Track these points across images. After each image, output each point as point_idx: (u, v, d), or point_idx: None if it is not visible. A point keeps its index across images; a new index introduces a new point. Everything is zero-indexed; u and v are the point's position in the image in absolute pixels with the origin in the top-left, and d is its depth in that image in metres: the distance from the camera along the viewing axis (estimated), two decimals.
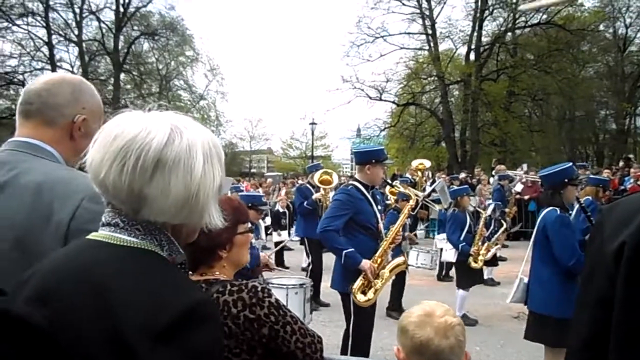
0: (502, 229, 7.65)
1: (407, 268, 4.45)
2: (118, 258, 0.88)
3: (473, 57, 24.44)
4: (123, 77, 27.31)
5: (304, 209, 7.10)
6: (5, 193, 1.28)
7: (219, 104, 30.15)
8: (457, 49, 25.50)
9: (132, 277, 0.85)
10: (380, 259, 3.74)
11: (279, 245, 8.50)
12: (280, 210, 10.58)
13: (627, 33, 24.88)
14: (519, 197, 12.37)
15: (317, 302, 6.25)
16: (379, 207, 3.98)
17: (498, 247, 7.35)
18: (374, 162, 3.85)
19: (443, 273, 8.18)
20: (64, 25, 25.31)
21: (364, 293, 3.65)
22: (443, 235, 7.03)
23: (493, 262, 7.34)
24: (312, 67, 76.02)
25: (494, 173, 13.63)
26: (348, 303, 3.72)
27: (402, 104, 26.15)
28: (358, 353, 3.59)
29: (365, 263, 3.61)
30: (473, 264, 5.93)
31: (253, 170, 39.65)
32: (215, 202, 0.97)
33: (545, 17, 23.34)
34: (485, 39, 24.74)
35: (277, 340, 1.44)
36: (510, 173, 13.21)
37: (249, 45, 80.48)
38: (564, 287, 3.45)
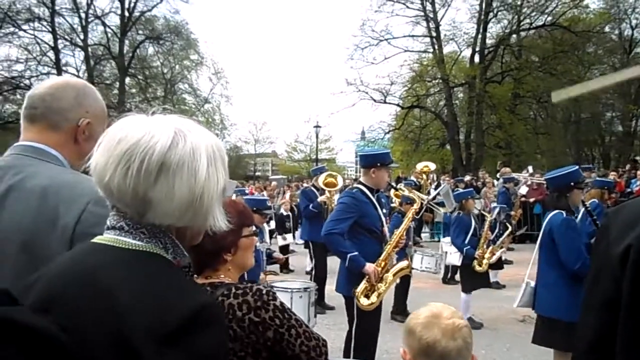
0: (507, 232, 7.62)
1: (411, 272, 4.43)
2: (123, 261, 0.89)
3: (477, 59, 24.38)
4: (128, 81, 27.44)
5: (310, 212, 7.07)
6: (11, 197, 1.29)
7: (224, 108, 30.21)
8: (461, 52, 25.48)
9: (137, 280, 0.86)
10: (385, 263, 3.73)
11: (285, 252, 8.45)
12: (284, 214, 10.55)
13: (632, 34, 24.77)
14: (524, 199, 12.32)
15: (322, 305, 6.24)
16: (384, 210, 3.98)
17: (503, 250, 7.33)
18: (379, 165, 3.85)
19: (448, 276, 8.16)
20: (70, 30, 25.50)
21: (367, 297, 3.63)
22: (449, 239, 7.02)
23: (498, 265, 7.31)
24: (316, 70, 76.10)
25: (499, 176, 13.57)
26: (351, 306, 3.71)
27: (406, 107, 26.10)
28: (363, 356, 3.58)
29: (369, 267, 3.61)
30: (477, 268, 5.91)
31: (258, 174, 39.61)
32: (220, 204, 0.97)
33: (550, 19, 23.27)
34: (490, 41, 24.66)
35: (281, 344, 1.44)
36: (515, 176, 13.15)
37: (253, 49, 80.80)
38: (571, 290, 3.43)
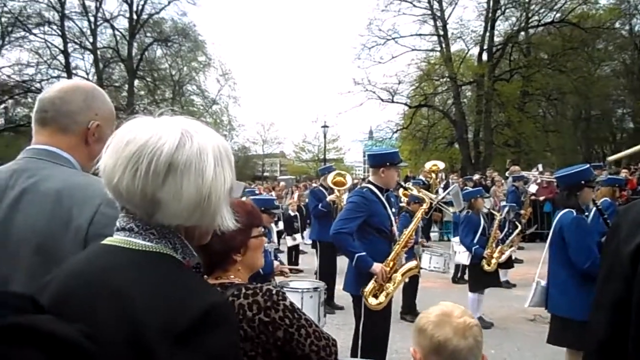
0: (516, 231, 7.57)
1: (419, 272, 4.42)
2: (134, 263, 0.90)
3: (485, 57, 24.26)
4: (137, 83, 27.68)
5: (319, 212, 7.04)
6: (26, 200, 1.31)
7: (232, 109, 30.38)
8: (469, 50, 25.37)
9: (149, 281, 0.87)
10: (393, 262, 3.72)
11: (296, 252, 8.40)
12: (292, 214, 10.55)
13: None
14: (534, 198, 12.22)
15: (331, 305, 6.23)
16: (393, 209, 3.97)
17: (513, 249, 7.27)
18: (389, 165, 3.84)
19: (458, 275, 8.12)
20: (79, 34, 25.81)
21: (376, 296, 3.63)
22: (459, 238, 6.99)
23: (509, 264, 7.27)
24: (323, 70, 76.23)
25: (508, 174, 13.48)
26: (358, 305, 3.71)
27: (414, 106, 26.03)
28: (373, 357, 3.57)
29: (377, 266, 3.60)
30: (486, 267, 5.88)
31: (266, 174, 39.71)
32: (227, 204, 0.98)
33: (559, 15, 23.08)
34: (498, 39, 24.51)
35: (291, 343, 1.45)
36: (525, 174, 13.05)
37: (261, 50, 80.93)
38: (582, 289, 3.40)
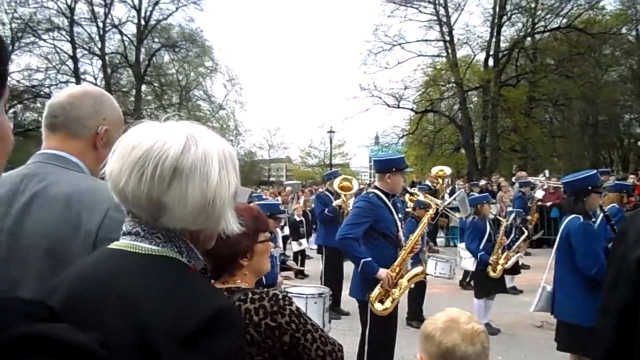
0: (523, 237, 7.52)
1: (425, 278, 4.41)
2: (141, 266, 0.91)
3: (492, 63, 24.24)
4: (144, 88, 27.86)
5: (325, 217, 7.03)
6: (36, 204, 1.33)
7: (238, 114, 30.50)
8: (475, 55, 25.35)
9: (155, 285, 0.87)
10: (399, 268, 3.72)
11: (302, 258, 8.40)
12: (298, 219, 10.55)
13: None
14: (541, 203, 12.15)
15: (337, 310, 6.21)
16: (400, 215, 3.96)
17: (519, 255, 7.22)
18: (395, 170, 3.83)
19: (466, 280, 8.05)
20: (88, 39, 26.05)
21: (382, 302, 3.63)
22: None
23: (516, 270, 7.22)
24: (329, 75, 76.41)
25: (515, 180, 13.41)
26: (364, 311, 3.71)
27: (420, 111, 26.02)
28: None
29: (382, 272, 3.60)
30: (492, 273, 5.84)
31: (272, 179, 39.80)
32: (232, 208, 0.99)
33: (566, 21, 23.03)
34: (504, 45, 24.51)
35: (298, 348, 1.45)
36: (532, 180, 12.97)
37: (267, 55, 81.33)
38: (589, 295, 3.38)
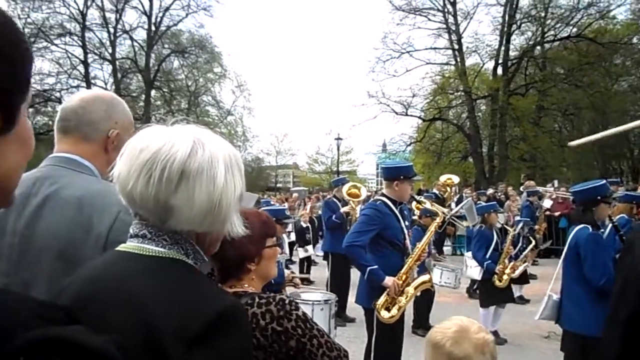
0: (530, 247, 7.47)
1: (432, 286, 4.39)
2: (148, 268, 0.92)
3: (501, 71, 24.17)
4: (154, 93, 28.09)
5: (332, 223, 7.02)
6: (48, 207, 1.35)
7: (246, 120, 30.70)
8: (484, 64, 25.31)
9: (162, 287, 0.89)
10: (406, 276, 3.71)
11: (308, 264, 8.39)
12: (304, 225, 10.55)
13: None
14: (549, 213, 12.06)
15: (342, 317, 6.19)
16: (407, 223, 3.96)
17: (527, 264, 7.17)
18: (403, 178, 3.83)
19: (473, 288, 7.99)
20: (99, 44, 26.36)
21: (388, 310, 3.62)
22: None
23: (524, 279, 7.16)
24: (337, 82, 77.03)
25: (523, 189, 13.34)
26: (371, 318, 3.70)
27: (428, 119, 25.99)
28: None
29: (389, 280, 3.59)
30: (497, 283, 5.80)
31: (279, 185, 39.90)
32: (237, 211, 1.00)
33: (576, 30, 22.95)
34: (513, 53, 24.43)
35: (304, 353, 1.46)
36: (541, 189, 12.89)
37: (276, 62, 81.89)
38: (597, 305, 3.35)
